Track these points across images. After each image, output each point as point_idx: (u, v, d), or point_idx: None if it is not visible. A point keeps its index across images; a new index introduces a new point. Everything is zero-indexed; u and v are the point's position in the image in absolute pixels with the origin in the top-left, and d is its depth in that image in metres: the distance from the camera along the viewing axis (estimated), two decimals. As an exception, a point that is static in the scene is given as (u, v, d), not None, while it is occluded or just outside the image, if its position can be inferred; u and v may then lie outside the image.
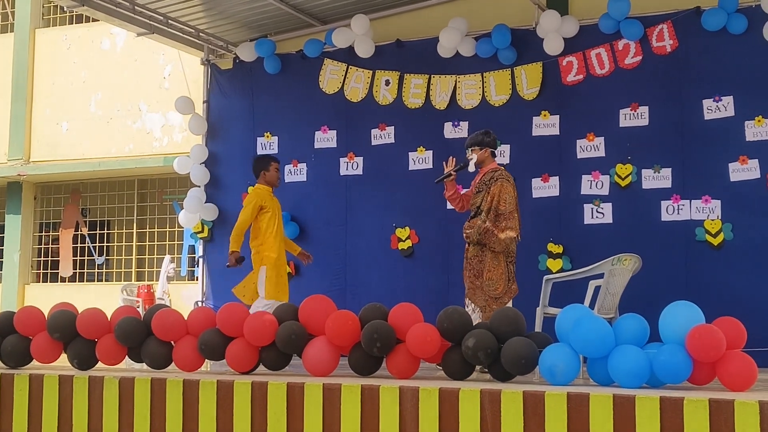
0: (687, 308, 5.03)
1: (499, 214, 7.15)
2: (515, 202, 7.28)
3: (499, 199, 7.16)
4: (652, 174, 8.86)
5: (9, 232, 15.03)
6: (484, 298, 7.13)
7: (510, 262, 7.24)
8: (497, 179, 7.26)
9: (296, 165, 10.39)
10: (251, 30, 10.78)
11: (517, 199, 7.35)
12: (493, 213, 7.15)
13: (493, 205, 7.16)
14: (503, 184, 7.23)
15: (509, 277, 7.22)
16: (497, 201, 7.16)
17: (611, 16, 8.95)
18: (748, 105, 8.57)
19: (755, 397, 4.21)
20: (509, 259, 7.24)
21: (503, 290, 7.15)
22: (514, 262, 7.30)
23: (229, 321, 5.88)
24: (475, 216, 7.29)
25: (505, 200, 7.18)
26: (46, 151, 14.63)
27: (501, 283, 7.14)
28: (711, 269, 8.54)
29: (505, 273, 7.19)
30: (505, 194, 7.20)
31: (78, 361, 6.16)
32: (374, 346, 5.56)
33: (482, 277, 7.17)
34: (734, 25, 8.62)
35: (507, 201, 7.20)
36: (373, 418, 4.85)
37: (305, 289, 9.37)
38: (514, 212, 7.25)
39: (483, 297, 7.14)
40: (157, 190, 14.54)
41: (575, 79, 9.25)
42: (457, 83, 9.69)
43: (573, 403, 4.45)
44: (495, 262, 7.17)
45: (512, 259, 7.28)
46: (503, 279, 7.18)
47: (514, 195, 7.27)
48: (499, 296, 7.13)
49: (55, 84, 14.73)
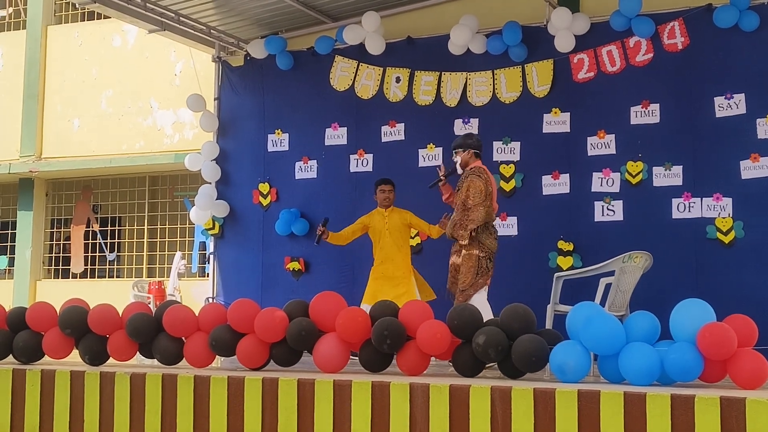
0: (698, 306, 5.03)
1: (468, 208, 7.41)
2: (484, 194, 7.39)
3: (467, 194, 7.42)
4: (663, 171, 8.84)
5: (21, 229, 15.08)
6: (458, 290, 7.40)
7: (484, 257, 7.41)
8: (468, 176, 7.52)
9: (307, 162, 10.40)
10: (262, 27, 10.79)
11: (493, 192, 7.50)
12: (462, 207, 7.44)
13: (461, 200, 7.45)
14: (472, 180, 7.47)
15: (478, 270, 7.38)
16: (465, 196, 7.43)
17: (622, 13, 8.93)
18: (760, 102, 8.53)
19: (767, 395, 4.20)
20: (484, 254, 7.40)
21: (470, 282, 7.33)
22: (491, 258, 7.45)
23: (240, 317, 5.89)
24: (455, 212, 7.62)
25: (472, 195, 7.41)
26: (58, 148, 14.67)
27: (469, 276, 7.35)
28: (722, 267, 8.51)
29: (474, 267, 7.37)
30: (473, 189, 7.42)
31: (89, 356, 6.19)
32: (384, 342, 5.57)
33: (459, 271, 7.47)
34: (746, 23, 8.59)
35: (473, 195, 7.40)
36: (383, 415, 4.85)
37: (315, 286, 9.41)
38: (479, 205, 7.39)
39: (457, 289, 7.42)
40: (168, 186, 14.57)
41: (586, 77, 9.23)
42: (467, 80, 9.68)
43: (583, 401, 4.45)
44: (467, 255, 7.40)
45: (487, 254, 7.43)
46: (471, 272, 7.36)
47: (482, 189, 7.40)
48: (465, 289, 7.35)
49: (66, 81, 14.77)
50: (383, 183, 8.86)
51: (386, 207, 8.77)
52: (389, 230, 8.68)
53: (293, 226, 10.24)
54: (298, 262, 10.28)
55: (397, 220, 8.73)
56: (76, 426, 5.63)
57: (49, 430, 5.69)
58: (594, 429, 4.40)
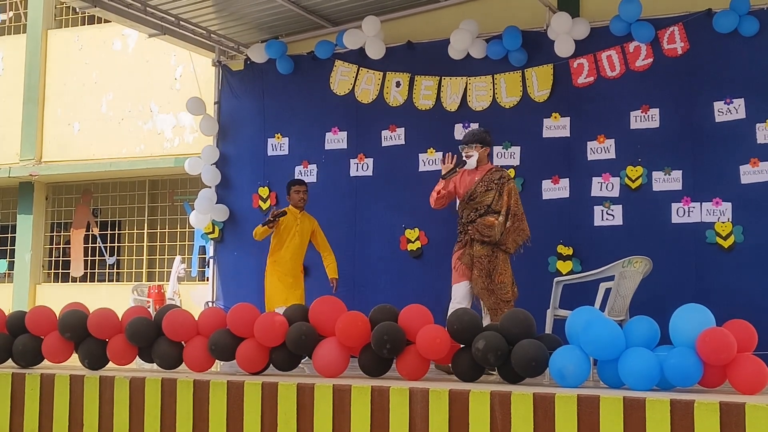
0: (697, 311, 5.03)
1: (515, 214, 7.20)
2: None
3: (514, 200, 7.22)
4: (662, 176, 8.85)
5: (21, 232, 15.07)
6: (495, 300, 7.08)
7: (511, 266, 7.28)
8: (508, 180, 7.31)
9: (306, 166, 10.41)
10: (262, 31, 10.80)
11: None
12: (511, 214, 7.19)
13: (510, 205, 7.20)
14: (514, 186, 7.32)
15: (514, 280, 7.25)
16: (513, 202, 7.21)
17: (622, 18, 8.94)
18: (760, 107, 8.55)
19: (766, 401, 4.20)
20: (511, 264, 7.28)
21: (512, 294, 7.16)
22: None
23: (240, 321, 5.89)
24: (485, 214, 7.23)
25: (517, 201, 7.25)
26: (58, 152, 14.67)
27: (510, 287, 7.15)
28: (721, 272, 8.52)
29: (512, 275, 7.22)
30: (517, 195, 7.29)
31: (89, 360, 6.18)
32: (384, 347, 5.57)
33: (492, 279, 7.12)
34: (746, 28, 8.60)
35: (519, 202, 7.28)
36: (383, 419, 4.85)
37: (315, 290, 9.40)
38: (524, 214, 7.30)
39: (494, 299, 7.08)
40: (168, 190, 14.57)
41: (586, 81, 9.24)
42: (467, 85, 9.69)
43: (583, 406, 4.45)
44: (506, 265, 7.18)
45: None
46: (511, 282, 7.20)
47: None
48: (509, 300, 7.12)
49: (66, 84, 14.77)
50: (297, 184, 9.06)
51: (301, 208, 8.93)
52: (299, 232, 8.84)
53: (293, 230, 10.23)
54: (299, 266, 10.28)
55: (306, 225, 8.95)
56: (75, 430, 5.63)
57: (49, 434, 5.69)
58: (593, 434, 4.40)
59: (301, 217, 8.90)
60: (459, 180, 7.49)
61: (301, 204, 8.91)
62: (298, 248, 8.86)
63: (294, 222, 8.85)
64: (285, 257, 8.80)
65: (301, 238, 8.85)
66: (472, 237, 7.21)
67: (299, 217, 8.88)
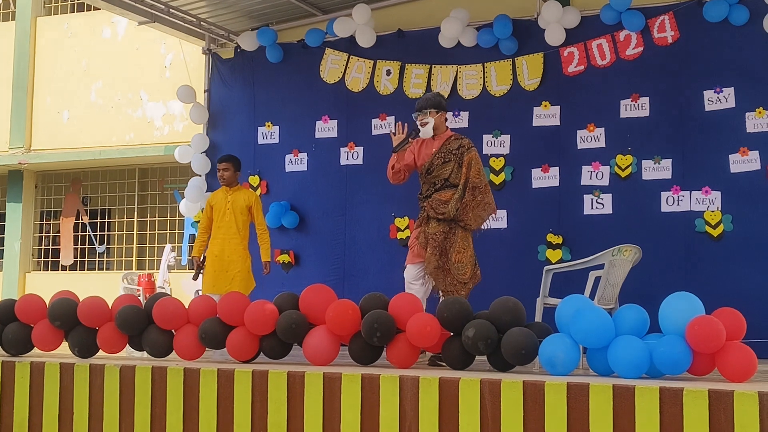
0: (687, 299, 5.04)
1: (475, 187, 6.69)
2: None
3: (474, 170, 6.70)
4: (652, 165, 8.87)
5: (10, 221, 15.03)
6: (451, 281, 6.65)
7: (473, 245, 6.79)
8: (468, 148, 6.78)
9: (297, 154, 10.40)
10: (252, 19, 10.77)
11: None
12: (470, 186, 6.68)
13: (469, 177, 6.68)
14: (475, 154, 6.76)
15: (475, 261, 6.78)
16: (473, 173, 6.70)
17: (613, 6, 8.94)
18: (749, 96, 8.57)
19: (755, 388, 4.22)
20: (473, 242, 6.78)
21: (470, 275, 6.69)
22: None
23: (230, 310, 5.89)
24: (442, 189, 6.79)
25: (479, 171, 6.73)
26: (47, 140, 14.62)
27: (469, 268, 6.67)
28: (711, 260, 8.55)
29: (473, 256, 6.74)
30: (479, 165, 6.75)
31: (79, 349, 6.18)
32: (374, 335, 5.57)
33: (448, 257, 6.67)
34: (736, 17, 8.62)
35: (481, 172, 6.76)
36: (373, 407, 4.86)
37: (304, 278, 9.42)
38: (488, 185, 6.83)
39: (450, 280, 6.65)
40: (158, 179, 14.54)
41: (576, 70, 9.24)
42: (458, 73, 9.69)
43: (573, 393, 4.46)
44: (465, 243, 6.71)
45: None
46: (472, 263, 6.73)
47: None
48: (467, 281, 6.67)
49: (56, 72, 14.71)
50: (219, 161, 8.97)
51: (228, 186, 8.83)
52: (231, 209, 8.70)
53: (283, 218, 10.24)
54: (288, 254, 10.28)
55: (240, 201, 8.77)
56: (65, 418, 5.63)
57: (39, 422, 5.68)
58: (583, 421, 4.41)
59: (232, 193, 8.79)
60: (418, 151, 7.06)
61: (222, 182, 8.83)
62: (232, 227, 8.68)
63: (224, 200, 8.75)
64: (216, 238, 8.70)
65: (234, 215, 8.69)
66: (428, 214, 6.79)
67: (230, 194, 8.78)
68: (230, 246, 8.66)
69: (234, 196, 8.77)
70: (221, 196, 8.81)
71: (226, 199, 8.75)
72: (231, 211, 8.69)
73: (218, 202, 8.78)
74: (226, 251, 8.64)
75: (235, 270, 8.62)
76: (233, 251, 8.65)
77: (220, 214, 8.71)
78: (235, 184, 8.89)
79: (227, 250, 8.64)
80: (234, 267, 8.62)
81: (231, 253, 8.64)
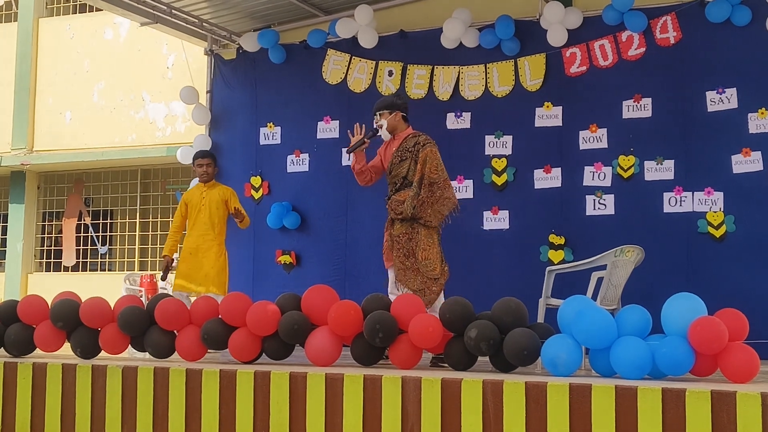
0: (689, 300, 5.04)
1: (433, 183, 6.61)
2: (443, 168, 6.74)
3: (430, 166, 6.62)
4: (654, 166, 8.86)
5: (12, 222, 15.05)
6: (422, 280, 6.59)
7: (439, 241, 6.73)
8: (423, 144, 6.73)
9: (299, 155, 10.40)
10: (255, 20, 10.77)
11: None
12: (427, 182, 6.60)
13: (425, 173, 6.61)
14: (432, 150, 6.69)
15: (442, 257, 6.71)
16: (430, 169, 6.62)
17: (615, 7, 8.93)
18: (752, 97, 8.55)
19: (757, 389, 4.22)
20: (439, 238, 6.73)
21: (440, 271, 6.64)
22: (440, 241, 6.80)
23: (232, 311, 5.89)
24: (402, 188, 6.76)
25: (436, 167, 6.64)
26: (49, 141, 14.64)
27: (438, 264, 6.61)
28: (713, 261, 8.54)
29: (439, 252, 6.68)
30: (436, 160, 6.66)
31: (81, 350, 6.18)
32: (376, 336, 5.57)
33: (415, 257, 6.63)
34: (738, 17, 8.60)
35: (439, 167, 6.66)
36: (375, 408, 4.86)
37: (306, 279, 9.42)
38: (448, 179, 6.74)
39: (420, 279, 6.60)
40: (160, 180, 14.56)
41: (578, 71, 9.24)
42: (460, 74, 9.68)
43: (575, 394, 4.46)
44: (429, 240, 6.65)
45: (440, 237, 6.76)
46: (439, 259, 6.65)
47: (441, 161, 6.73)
48: (437, 277, 6.60)
49: (58, 74, 14.73)
50: (199, 157, 8.95)
51: (205, 182, 8.82)
52: (207, 205, 8.69)
53: (285, 219, 10.23)
54: (290, 255, 10.27)
55: (215, 196, 8.76)
56: (67, 419, 5.63)
57: (41, 423, 5.69)
58: (585, 422, 4.41)
59: (207, 189, 8.79)
60: (384, 153, 7.06)
61: (203, 178, 8.81)
62: (206, 223, 8.67)
63: (199, 196, 8.76)
64: (191, 235, 8.68)
65: (209, 210, 8.69)
66: (390, 216, 6.80)
67: (205, 190, 8.79)
68: (205, 242, 8.65)
69: (209, 192, 8.79)
70: (196, 193, 8.83)
71: (201, 196, 8.77)
72: (206, 207, 8.70)
73: (193, 199, 8.79)
74: (201, 247, 8.63)
75: (209, 266, 8.61)
76: (208, 248, 8.65)
77: (195, 211, 8.71)
78: (212, 179, 8.92)
79: (203, 247, 8.63)
80: (208, 263, 8.61)
81: (206, 250, 8.64)
